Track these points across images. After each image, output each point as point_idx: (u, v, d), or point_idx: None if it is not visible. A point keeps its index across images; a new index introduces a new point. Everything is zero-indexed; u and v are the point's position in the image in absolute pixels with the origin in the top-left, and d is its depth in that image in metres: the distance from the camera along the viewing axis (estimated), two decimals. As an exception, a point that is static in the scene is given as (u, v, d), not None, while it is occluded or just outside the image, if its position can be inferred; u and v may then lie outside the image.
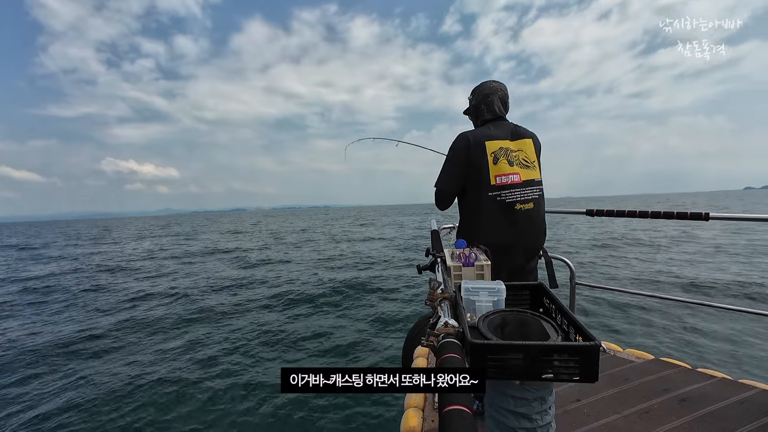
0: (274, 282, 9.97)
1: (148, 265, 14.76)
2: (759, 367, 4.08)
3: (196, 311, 7.43)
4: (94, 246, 25.59)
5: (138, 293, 9.38)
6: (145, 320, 6.99)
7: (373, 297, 7.89)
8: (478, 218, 1.60)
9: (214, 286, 9.89)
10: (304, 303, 7.68)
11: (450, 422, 0.45)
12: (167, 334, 6.24)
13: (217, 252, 18.09)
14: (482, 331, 0.80)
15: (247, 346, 5.40)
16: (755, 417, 1.57)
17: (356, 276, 9.98)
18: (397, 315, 6.52)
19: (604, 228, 20.13)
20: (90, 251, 21.56)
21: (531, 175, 1.61)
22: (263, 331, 6.01)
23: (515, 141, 1.63)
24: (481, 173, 1.57)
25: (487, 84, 1.75)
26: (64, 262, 17.01)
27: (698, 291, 7.13)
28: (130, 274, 12.60)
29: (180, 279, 11.25)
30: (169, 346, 5.63)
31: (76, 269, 14.30)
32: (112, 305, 8.40)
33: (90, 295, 9.61)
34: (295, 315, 6.91)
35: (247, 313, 7.20)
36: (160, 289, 9.85)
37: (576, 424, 1.59)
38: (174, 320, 6.91)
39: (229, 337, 5.84)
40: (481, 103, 1.73)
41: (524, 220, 1.57)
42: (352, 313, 6.82)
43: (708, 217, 1.74)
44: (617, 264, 10.19)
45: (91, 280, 11.69)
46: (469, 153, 1.59)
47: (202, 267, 13.67)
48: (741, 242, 12.83)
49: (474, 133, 1.65)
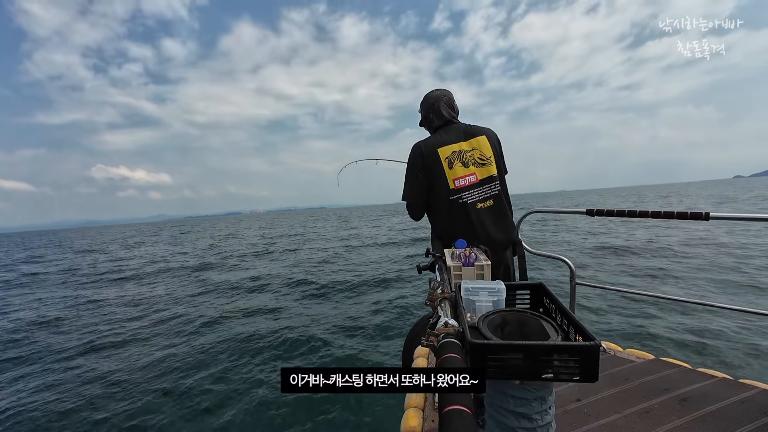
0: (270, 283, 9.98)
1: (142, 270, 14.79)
2: (759, 366, 4.08)
3: (196, 311, 7.45)
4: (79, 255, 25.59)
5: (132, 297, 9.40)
6: (146, 319, 7.00)
7: (374, 297, 7.90)
8: (443, 222, 1.68)
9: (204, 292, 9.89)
10: (304, 303, 7.70)
11: (450, 422, 0.45)
12: (168, 334, 6.25)
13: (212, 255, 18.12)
14: (482, 331, 0.80)
15: (246, 347, 5.41)
16: (755, 417, 1.56)
17: (355, 276, 9.99)
18: (397, 315, 6.52)
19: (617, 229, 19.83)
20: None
21: (488, 172, 1.66)
22: (264, 331, 6.02)
23: (468, 140, 1.68)
24: (440, 180, 1.64)
25: (431, 93, 1.81)
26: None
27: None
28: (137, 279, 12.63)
29: (178, 281, 11.26)
30: (168, 345, 5.63)
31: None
32: (120, 303, 8.41)
33: (92, 304, 9.62)
34: (295, 314, 6.91)
35: (246, 317, 7.21)
36: (160, 292, 9.86)
37: (576, 424, 1.59)
38: (172, 320, 6.92)
39: (230, 337, 5.84)
40: (430, 112, 1.78)
41: (486, 218, 1.63)
42: (352, 314, 6.82)
43: (708, 217, 1.74)
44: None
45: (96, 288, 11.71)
46: (423, 162, 1.66)
47: (196, 277, 13.68)
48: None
49: (425, 142, 1.71)
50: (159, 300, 8.83)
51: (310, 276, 10.18)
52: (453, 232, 1.62)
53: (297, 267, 12.29)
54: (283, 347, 5.29)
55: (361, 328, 5.92)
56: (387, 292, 8.11)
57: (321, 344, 5.29)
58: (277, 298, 8.27)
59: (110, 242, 37.68)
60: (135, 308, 8.16)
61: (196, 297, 8.85)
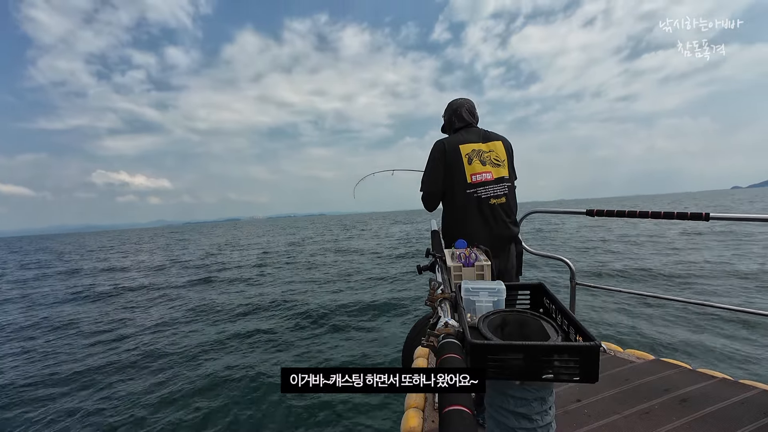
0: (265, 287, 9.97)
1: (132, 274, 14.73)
2: (759, 367, 4.08)
3: (194, 313, 7.44)
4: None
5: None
6: (143, 321, 6.99)
7: (375, 293, 7.90)
8: (458, 213, 1.79)
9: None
10: (303, 303, 7.69)
11: (450, 422, 0.45)
12: (164, 335, 6.24)
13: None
14: (482, 332, 0.80)
15: (246, 347, 5.40)
16: (755, 417, 1.56)
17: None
18: (397, 315, 6.52)
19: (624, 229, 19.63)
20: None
21: (501, 173, 1.80)
22: (263, 331, 6.01)
23: (486, 143, 1.82)
24: (459, 173, 1.76)
25: (455, 101, 1.99)
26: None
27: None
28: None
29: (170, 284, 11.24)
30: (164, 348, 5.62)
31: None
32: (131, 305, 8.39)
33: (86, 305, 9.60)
34: (295, 314, 6.91)
35: (248, 315, 7.21)
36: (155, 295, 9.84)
37: (576, 424, 1.59)
38: (170, 321, 6.91)
39: (228, 338, 5.84)
40: (452, 116, 1.95)
41: (497, 213, 1.77)
42: (351, 313, 6.82)
43: (708, 218, 1.74)
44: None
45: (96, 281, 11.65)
46: (446, 155, 1.78)
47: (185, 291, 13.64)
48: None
49: (448, 139, 1.85)
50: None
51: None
52: (465, 224, 1.75)
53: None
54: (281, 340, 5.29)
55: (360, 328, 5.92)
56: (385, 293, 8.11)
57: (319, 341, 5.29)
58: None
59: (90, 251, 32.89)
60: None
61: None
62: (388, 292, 8.23)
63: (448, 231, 1.84)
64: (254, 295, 8.98)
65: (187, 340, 5.87)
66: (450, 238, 1.80)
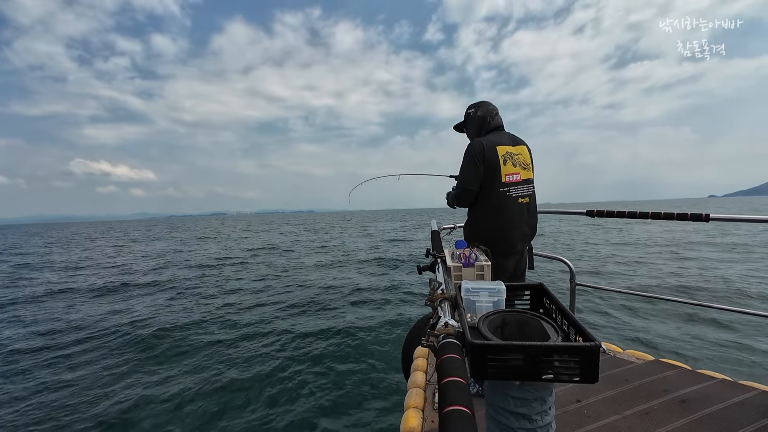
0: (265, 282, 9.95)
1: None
2: (759, 367, 4.08)
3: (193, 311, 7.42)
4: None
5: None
6: (144, 320, 6.97)
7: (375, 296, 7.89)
8: (492, 211, 1.89)
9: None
10: (304, 302, 7.68)
11: (450, 422, 0.45)
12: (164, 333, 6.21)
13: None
14: (482, 332, 0.80)
15: (245, 347, 5.40)
16: (755, 418, 1.56)
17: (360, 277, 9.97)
18: (396, 316, 6.51)
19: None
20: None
21: (527, 175, 1.95)
22: (263, 331, 6.01)
23: (515, 147, 1.95)
24: (495, 172, 1.86)
25: (487, 103, 2.08)
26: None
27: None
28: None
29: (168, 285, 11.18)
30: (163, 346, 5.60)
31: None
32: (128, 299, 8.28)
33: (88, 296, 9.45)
34: (294, 314, 6.91)
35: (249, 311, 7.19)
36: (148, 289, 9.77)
37: (576, 424, 1.59)
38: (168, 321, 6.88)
39: (228, 338, 5.83)
40: (488, 116, 2.03)
41: (524, 212, 1.91)
42: (350, 312, 6.82)
43: (708, 218, 1.74)
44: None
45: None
46: (485, 156, 1.86)
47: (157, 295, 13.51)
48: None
49: (485, 140, 1.92)
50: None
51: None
52: (496, 221, 1.86)
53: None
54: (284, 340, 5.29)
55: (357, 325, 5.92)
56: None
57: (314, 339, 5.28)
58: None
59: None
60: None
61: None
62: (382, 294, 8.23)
63: (478, 227, 1.92)
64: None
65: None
66: (481, 234, 1.87)
